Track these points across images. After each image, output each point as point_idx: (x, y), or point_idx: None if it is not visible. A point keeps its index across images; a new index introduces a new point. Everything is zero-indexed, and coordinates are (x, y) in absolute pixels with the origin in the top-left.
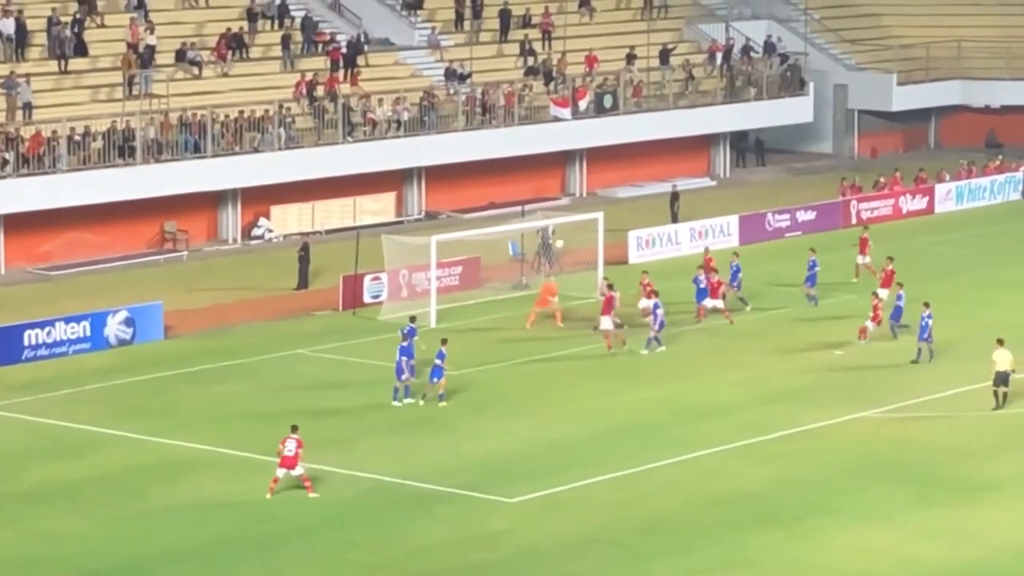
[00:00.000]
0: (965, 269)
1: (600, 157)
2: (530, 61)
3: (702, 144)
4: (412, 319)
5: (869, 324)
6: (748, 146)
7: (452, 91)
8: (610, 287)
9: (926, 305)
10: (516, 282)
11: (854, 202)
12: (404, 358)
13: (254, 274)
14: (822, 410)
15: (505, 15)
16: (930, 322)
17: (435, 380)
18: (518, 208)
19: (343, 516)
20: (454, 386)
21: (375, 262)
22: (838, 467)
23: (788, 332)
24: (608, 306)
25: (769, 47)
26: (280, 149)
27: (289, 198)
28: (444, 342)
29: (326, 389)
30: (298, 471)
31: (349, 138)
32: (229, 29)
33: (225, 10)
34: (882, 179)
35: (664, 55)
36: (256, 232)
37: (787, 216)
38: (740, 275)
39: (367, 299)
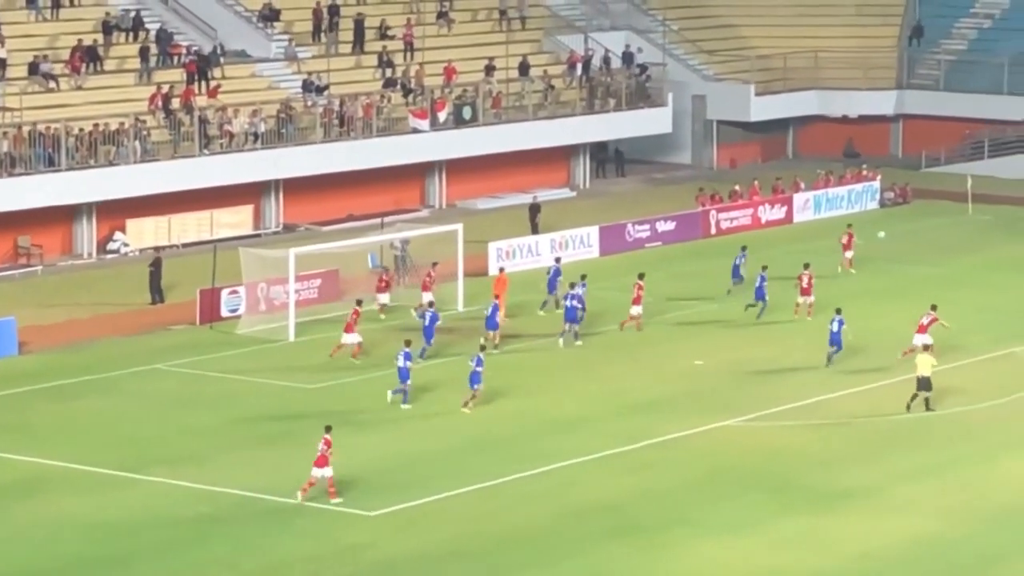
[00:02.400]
0: (824, 279)
1: (460, 169)
2: (388, 73)
3: (562, 155)
4: (431, 303)
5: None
6: (608, 157)
7: (310, 103)
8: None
9: (837, 311)
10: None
11: (713, 212)
12: (409, 363)
13: (110, 289)
14: (683, 420)
15: (362, 26)
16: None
17: (475, 387)
18: (377, 220)
19: (202, 532)
20: (312, 400)
21: (233, 275)
22: (699, 477)
23: (650, 343)
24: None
25: (627, 58)
26: (136, 162)
27: (145, 212)
28: (482, 348)
29: (183, 404)
30: (326, 472)
31: (206, 151)
32: (82, 41)
33: (79, 23)
34: (737, 188)
35: (523, 66)
36: (112, 246)
37: (647, 227)
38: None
39: (224, 313)
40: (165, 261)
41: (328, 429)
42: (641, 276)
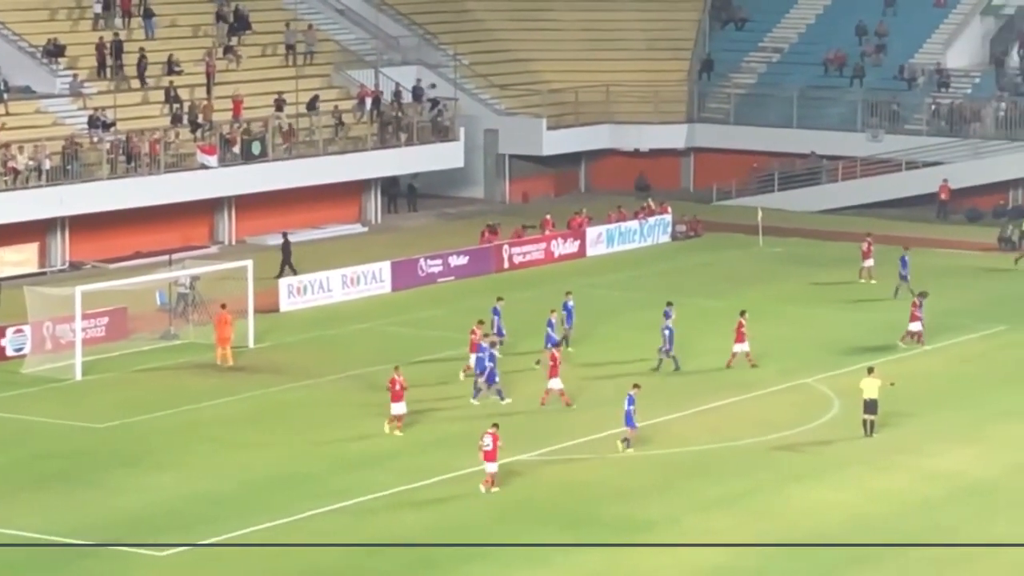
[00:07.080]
0: (618, 312)
1: (249, 204)
2: (175, 108)
3: (353, 190)
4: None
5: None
6: (400, 191)
7: (96, 139)
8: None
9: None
10: (164, 332)
11: (506, 246)
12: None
13: None
14: (478, 455)
15: (148, 62)
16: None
17: (632, 428)
18: (165, 257)
19: None
20: (100, 439)
21: (18, 314)
22: (495, 511)
23: (444, 379)
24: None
25: (418, 92)
26: None
27: None
28: (636, 387)
29: None
30: (492, 467)
31: None
32: None
33: None
34: (524, 225)
35: (313, 101)
36: None
37: (439, 261)
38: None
39: (9, 352)
40: None
41: (496, 426)
42: (743, 313)
